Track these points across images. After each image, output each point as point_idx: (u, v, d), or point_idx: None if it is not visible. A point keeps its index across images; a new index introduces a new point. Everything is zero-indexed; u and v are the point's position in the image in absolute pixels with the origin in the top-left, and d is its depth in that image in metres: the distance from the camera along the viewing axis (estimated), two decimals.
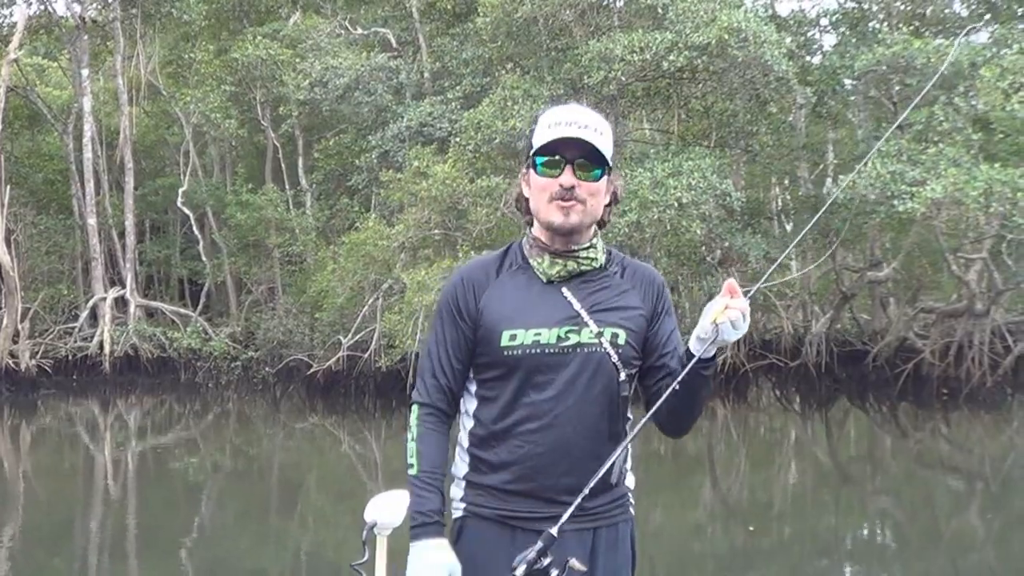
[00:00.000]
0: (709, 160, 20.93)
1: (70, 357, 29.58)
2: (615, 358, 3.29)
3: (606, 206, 3.41)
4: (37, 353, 28.34)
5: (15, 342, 27.40)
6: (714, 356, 3.20)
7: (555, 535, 3.01)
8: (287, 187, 31.62)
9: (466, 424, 3.44)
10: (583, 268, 3.37)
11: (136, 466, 19.76)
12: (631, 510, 3.48)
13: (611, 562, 3.37)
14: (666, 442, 22.37)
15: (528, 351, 3.27)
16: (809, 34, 27.31)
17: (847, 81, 23.31)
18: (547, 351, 3.27)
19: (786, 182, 32.61)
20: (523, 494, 3.27)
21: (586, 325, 3.29)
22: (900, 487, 17.07)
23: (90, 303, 30.67)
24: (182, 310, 32.49)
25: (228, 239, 32.96)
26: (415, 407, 3.41)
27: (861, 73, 22.16)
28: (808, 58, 26.54)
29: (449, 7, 28.27)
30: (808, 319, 30.25)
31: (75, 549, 12.65)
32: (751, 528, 13.62)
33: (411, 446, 3.34)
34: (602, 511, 3.33)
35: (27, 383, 27.45)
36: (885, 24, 23.96)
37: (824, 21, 26.39)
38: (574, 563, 3.10)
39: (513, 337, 3.28)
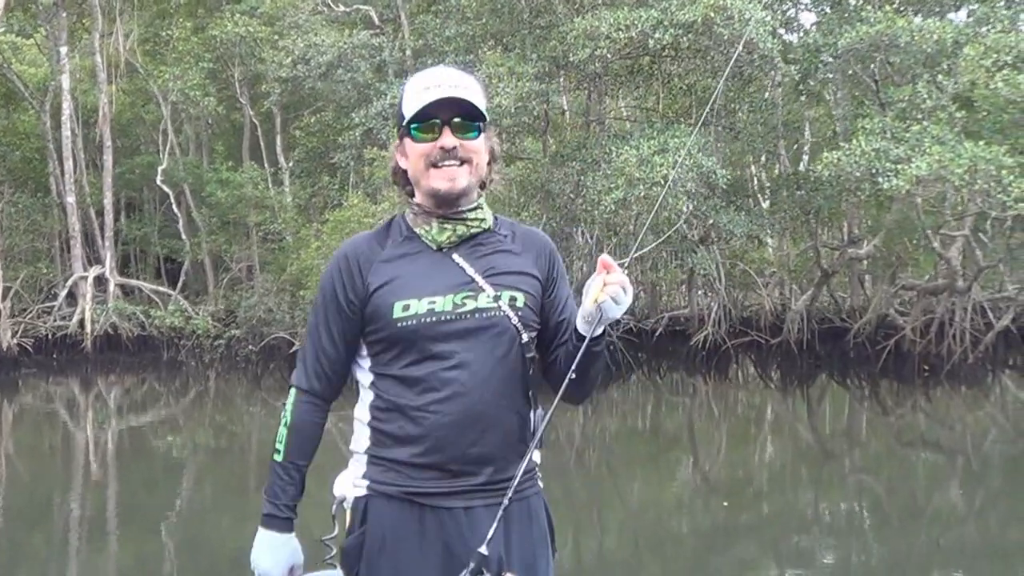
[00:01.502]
0: (694, 138, 20.96)
1: (50, 336, 29.53)
2: (515, 320, 3.22)
3: (487, 164, 3.34)
4: (18, 332, 28.22)
5: None
6: (603, 332, 3.18)
7: (485, 553, 2.97)
8: (266, 165, 31.57)
9: (365, 398, 3.32)
10: (472, 230, 3.29)
11: (117, 445, 19.71)
12: (540, 483, 3.40)
13: (526, 538, 3.28)
14: (645, 419, 22.56)
15: (423, 320, 3.16)
16: (788, 12, 27.37)
17: (827, 59, 23.32)
18: (444, 319, 3.17)
19: (762, 160, 32.72)
20: (430, 467, 3.14)
21: (482, 290, 3.21)
22: (881, 463, 17.13)
23: (69, 282, 30.55)
24: (161, 288, 32.39)
25: (207, 217, 32.91)
26: (293, 391, 3.33)
27: (844, 51, 22.21)
28: (787, 36, 26.63)
29: None
30: (786, 296, 30.42)
31: (56, 528, 12.56)
32: (725, 504, 13.64)
33: (282, 431, 3.30)
34: (519, 488, 3.19)
35: (8, 362, 27.40)
36: (866, 3, 24.00)
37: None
38: None
39: (406, 308, 3.17)
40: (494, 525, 3.02)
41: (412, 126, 3.21)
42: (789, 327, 27.79)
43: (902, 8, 23.86)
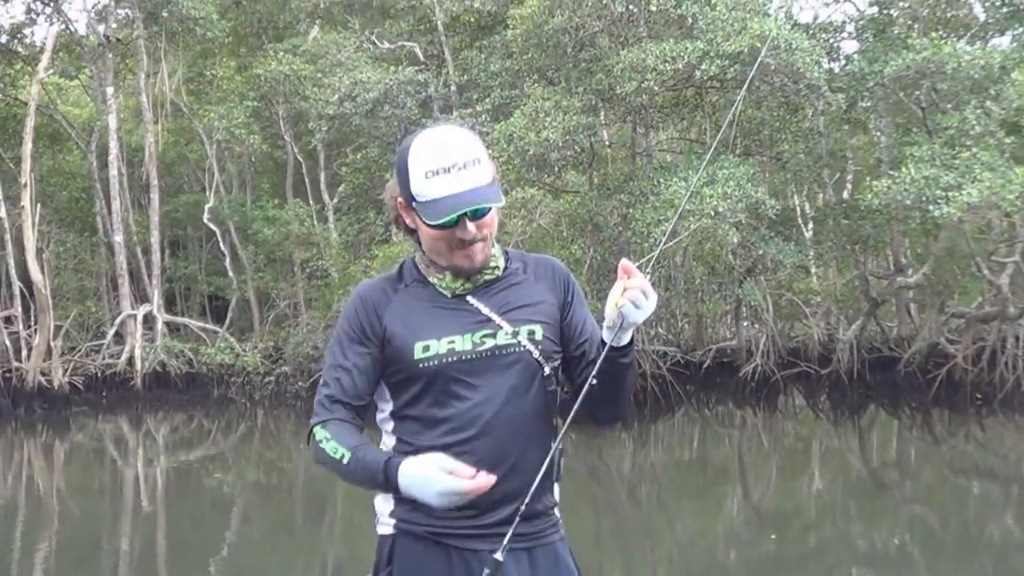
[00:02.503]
0: (743, 168, 20.91)
1: (100, 374, 29.66)
2: (536, 354, 3.20)
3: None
4: (68, 370, 28.38)
5: (47, 359, 27.44)
6: (631, 342, 3.14)
7: (500, 559, 2.95)
8: (311, 202, 31.71)
9: (388, 442, 3.29)
10: (485, 278, 3.26)
11: (166, 482, 19.88)
12: (561, 529, 3.34)
13: None
14: (695, 451, 22.46)
15: (444, 360, 3.14)
16: (833, 41, 27.31)
17: (874, 87, 23.24)
18: (464, 358, 3.15)
19: (805, 190, 32.61)
20: (457, 507, 3.00)
21: (500, 328, 3.19)
22: (933, 493, 17.02)
23: (118, 320, 30.73)
24: (208, 325, 32.53)
25: (253, 255, 33.07)
26: (316, 429, 3.21)
27: (890, 79, 22.16)
28: (830, 65, 26.57)
29: (472, 20, 28.31)
30: (832, 326, 30.23)
31: (106, 565, 12.69)
32: (773, 536, 13.58)
33: (330, 446, 3.12)
34: (535, 531, 3.20)
35: (60, 400, 27.54)
36: (912, 30, 23.94)
37: (850, 27, 26.37)
38: None
39: (427, 348, 3.15)
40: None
41: (424, 214, 3.12)
42: (839, 357, 27.55)
43: (944, 34, 23.77)
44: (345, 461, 3.08)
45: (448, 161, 3.07)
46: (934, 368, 25.76)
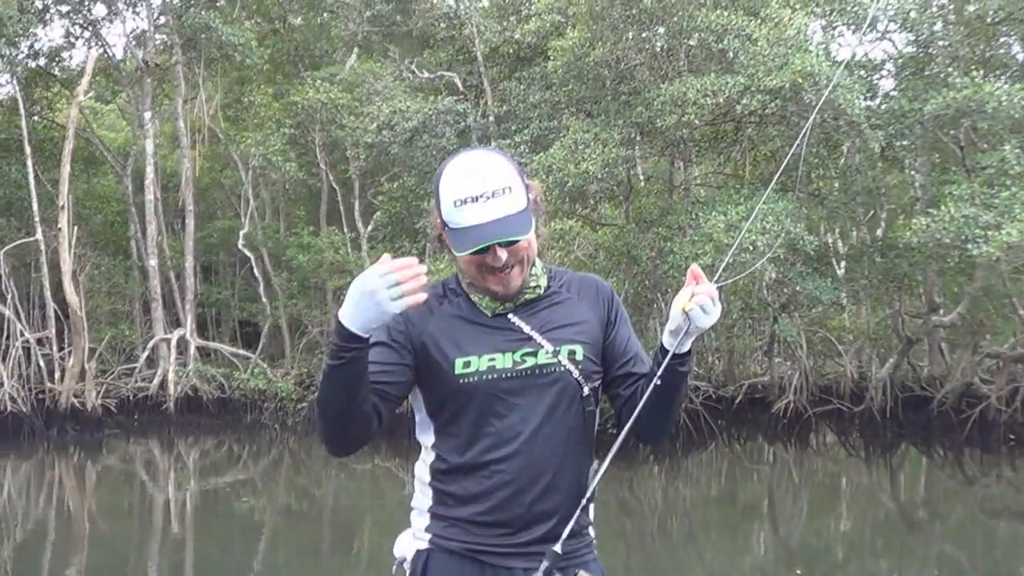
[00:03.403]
0: (782, 204, 20.90)
1: (132, 397, 29.78)
2: (576, 374, 3.20)
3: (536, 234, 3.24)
4: (101, 393, 28.46)
5: (81, 381, 27.53)
6: (689, 351, 3.15)
7: (559, 551, 2.97)
8: (345, 230, 31.79)
9: (426, 458, 3.31)
10: (527, 297, 3.27)
11: (196, 505, 19.90)
12: (595, 550, 3.34)
13: None
14: (725, 487, 22.37)
15: (484, 377, 3.14)
16: (871, 79, 27.27)
17: (913, 125, 23.19)
18: (504, 376, 3.15)
19: (838, 227, 32.54)
20: (494, 524, 3.11)
21: (541, 347, 3.19)
22: (964, 534, 16.93)
23: (150, 344, 30.84)
24: (240, 351, 32.59)
25: (287, 281, 33.16)
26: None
27: (929, 117, 22.12)
28: (868, 102, 26.53)
29: (512, 51, 28.40)
30: (863, 364, 30.15)
31: None
32: (798, 572, 13.52)
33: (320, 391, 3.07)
34: (572, 550, 3.16)
35: (93, 423, 27.58)
36: (951, 69, 23.91)
37: (889, 65, 26.33)
38: (582, 574, 3.12)
39: (467, 364, 3.15)
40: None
41: (453, 243, 3.14)
42: (872, 395, 27.47)
43: (978, 72, 23.73)
44: (324, 368, 3.03)
45: (477, 190, 3.06)
46: (967, 408, 25.67)
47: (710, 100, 20.83)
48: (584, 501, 3.13)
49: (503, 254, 3.11)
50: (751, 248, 19.54)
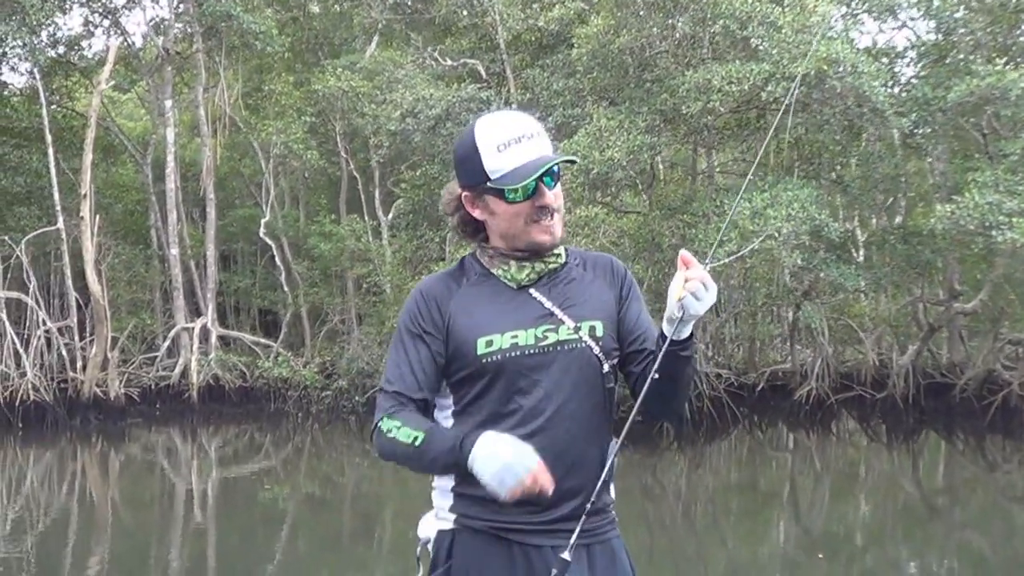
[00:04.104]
0: (807, 191, 20.87)
1: (154, 386, 29.86)
2: (597, 350, 3.21)
3: None
4: (123, 382, 28.53)
5: (103, 371, 27.60)
6: (691, 336, 3.13)
7: (568, 559, 2.97)
8: (365, 218, 31.80)
9: None
10: (551, 266, 3.28)
11: (218, 494, 19.91)
12: (617, 527, 3.36)
13: None
14: (745, 473, 22.39)
15: (507, 355, 3.15)
16: (893, 66, 27.21)
17: (937, 112, 23.14)
18: (527, 352, 3.16)
19: (857, 215, 32.47)
20: (521, 502, 3.00)
21: (562, 322, 3.20)
22: (986, 519, 16.87)
23: (172, 333, 30.91)
24: (261, 340, 32.66)
25: (308, 269, 33.20)
26: (383, 421, 3.20)
27: (952, 104, 22.08)
28: (891, 89, 26.46)
29: (535, 39, 28.37)
30: (883, 351, 30.12)
31: None
32: (820, 556, 13.57)
33: (402, 432, 3.12)
34: (594, 528, 3.19)
35: (116, 412, 27.73)
36: (975, 56, 23.85)
37: (911, 53, 26.27)
38: None
39: (490, 343, 3.15)
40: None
41: (506, 188, 3.17)
42: (894, 382, 27.46)
43: (1000, 59, 23.67)
44: (419, 443, 3.07)
45: (519, 131, 3.16)
46: (989, 395, 25.62)
47: (735, 87, 20.81)
48: (604, 476, 3.14)
49: (549, 198, 3.18)
50: (776, 235, 19.55)
